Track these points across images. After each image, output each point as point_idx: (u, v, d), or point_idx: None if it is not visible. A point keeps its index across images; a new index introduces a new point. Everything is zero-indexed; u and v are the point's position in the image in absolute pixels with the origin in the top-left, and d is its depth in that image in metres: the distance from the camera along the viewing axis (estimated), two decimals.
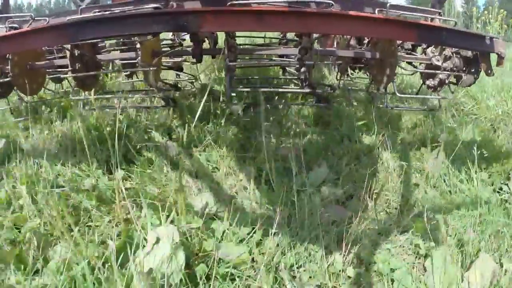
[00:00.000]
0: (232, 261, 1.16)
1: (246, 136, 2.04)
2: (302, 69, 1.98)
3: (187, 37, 2.43)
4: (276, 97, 2.52)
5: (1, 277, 1.06)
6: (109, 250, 1.04)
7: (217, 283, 1.11)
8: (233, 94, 2.16)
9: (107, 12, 1.66)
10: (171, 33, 2.52)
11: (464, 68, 2.01)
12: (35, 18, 1.97)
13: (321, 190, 1.57)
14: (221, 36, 2.59)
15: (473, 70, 2.00)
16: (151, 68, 1.82)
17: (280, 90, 2.47)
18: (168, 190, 1.51)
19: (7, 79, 1.85)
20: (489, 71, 1.68)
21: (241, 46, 2.15)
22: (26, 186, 1.40)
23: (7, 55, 1.78)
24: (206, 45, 2.41)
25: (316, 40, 2.34)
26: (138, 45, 1.84)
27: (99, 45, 2.13)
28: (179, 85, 2.56)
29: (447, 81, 2.03)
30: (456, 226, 1.42)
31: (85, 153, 1.43)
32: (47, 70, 2.08)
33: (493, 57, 1.57)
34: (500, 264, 1.24)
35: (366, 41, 2.24)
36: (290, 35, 2.95)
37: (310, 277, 1.18)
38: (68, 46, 1.86)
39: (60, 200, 1.36)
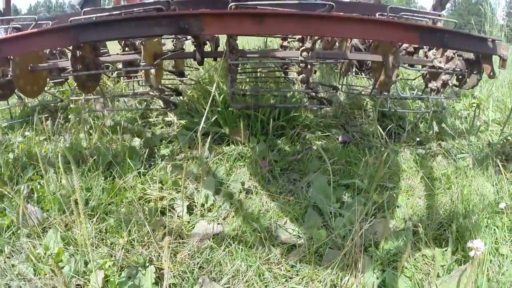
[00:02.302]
0: None
1: None
2: (304, 71, 1.97)
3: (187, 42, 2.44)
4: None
5: None
6: None
7: None
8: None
9: (109, 15, 1.67)
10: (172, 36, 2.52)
11: (466, 70, 2.01)
12: (38, 21, 1.99)
13: None
14: (223, 40, 2.57)
15: (475, 72, 1.99)
16: (152, 69, 1.82)
17: (282, 90, 2.45)
18: None
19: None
20: (492, 73, 1.67)
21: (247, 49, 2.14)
22: None
23: (10, 56, 1.79)
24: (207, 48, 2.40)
25: (318, 41, 2.32)
26: (137, 44, 1.83)
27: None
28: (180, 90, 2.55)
29: (450, 83, 2.02)
30: None
31: None
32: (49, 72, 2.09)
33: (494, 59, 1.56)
34: None
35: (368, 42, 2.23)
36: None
37: None
38: (70, 48, 1.86)
39: None
